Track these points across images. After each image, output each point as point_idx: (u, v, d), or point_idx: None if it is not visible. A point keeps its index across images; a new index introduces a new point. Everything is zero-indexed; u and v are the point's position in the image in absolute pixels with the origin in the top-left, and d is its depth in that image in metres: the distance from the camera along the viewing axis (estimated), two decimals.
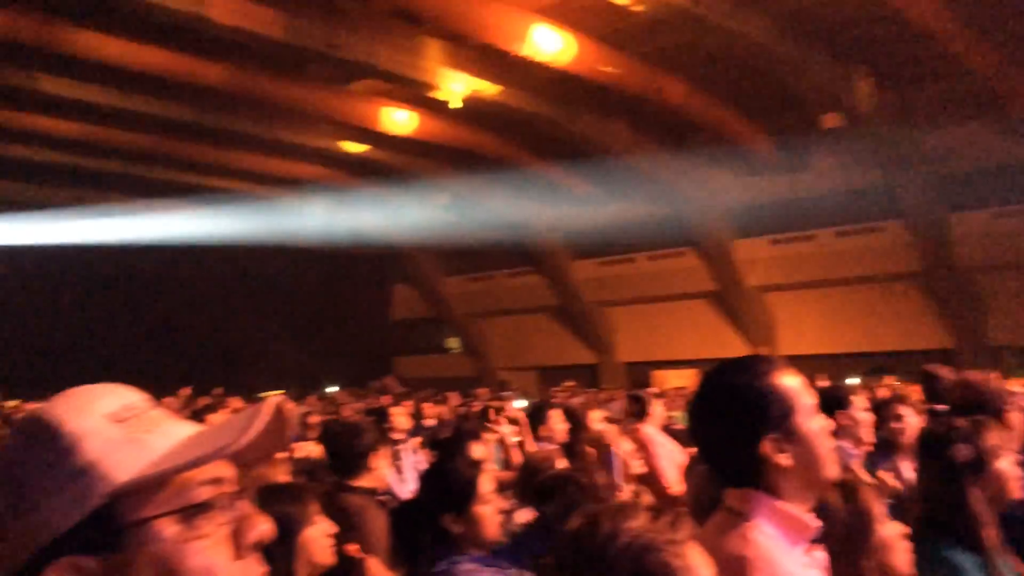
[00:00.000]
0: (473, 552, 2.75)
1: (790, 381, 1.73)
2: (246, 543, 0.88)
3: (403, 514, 3.02)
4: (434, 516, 2.76)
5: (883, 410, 4.36)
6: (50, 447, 0.83)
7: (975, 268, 17.17)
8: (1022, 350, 16.95)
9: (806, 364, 16.01)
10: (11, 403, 15.10)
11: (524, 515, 3.99)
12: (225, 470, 0.88)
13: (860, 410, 4.12)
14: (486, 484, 2.83)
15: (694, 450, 2.55)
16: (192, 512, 0.84)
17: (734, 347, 19.45)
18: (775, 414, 1.68)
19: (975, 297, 17.45)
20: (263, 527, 0.89)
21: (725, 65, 14.41)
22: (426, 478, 3.06)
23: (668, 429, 7.01)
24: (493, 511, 2.81)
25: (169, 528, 0.83)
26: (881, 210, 17.60)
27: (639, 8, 11.87)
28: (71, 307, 24.25)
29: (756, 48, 13.22)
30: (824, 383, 7.43)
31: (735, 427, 1.70)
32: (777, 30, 13.15)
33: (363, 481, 3.94)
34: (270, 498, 2.18)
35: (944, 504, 2.45)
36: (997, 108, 14.80)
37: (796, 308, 19.81)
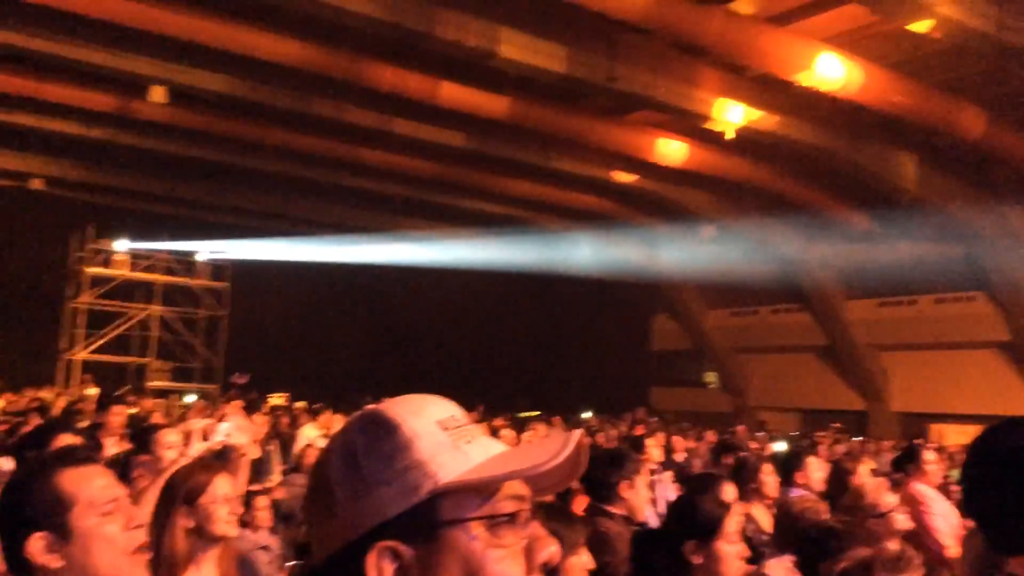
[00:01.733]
0: None
1: None
2: (536, 561, 0.95)
3: (645, 541, 3.05)
4: (676, 545, 2.76)
5: None
6: (390, 441, 0.93)
7: None
8: None
9: None
10: (299, 404, 16.68)
11: (776, 565, 3.87)
12: (525, 489, 0.96)
13: None
14: (733, 524, 2.80)
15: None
16: (498, 522, 0.92)
17: None
18: None
19: None
20: (552, 549, 0.97)
21: None
22: (674, 507, 3.09)
23: (945, 488, 6.48)
24: (736, 553, 2.76)
25: (478, 532, 0.91)
26: None
27: (937, 35, 11.16)
28: (354, 323, 26.42)
29: None
30: None
31: (1016, 492, 1.59)
32: None
33: (616, 508, 4.00)
34: (542, 514, 2.24)
35: None
36: None
37: None
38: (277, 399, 19.39)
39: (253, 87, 14.85)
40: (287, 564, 5.21)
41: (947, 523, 5.29)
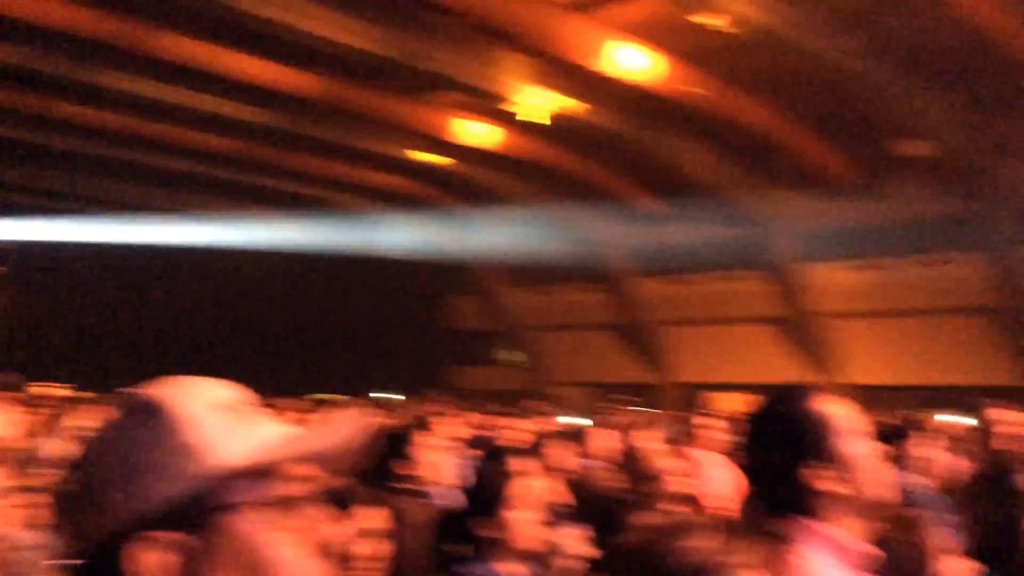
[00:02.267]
0: (508, 561, 2.68)
1: (831, 408, 1.75)
2: (317, 544, 0.94)
3: (442, 524, 3.06)
4: (466, 521, 2.74)
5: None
6: (157, 426, 0.89)
7: None
8: None
9: (873, 395, 15.66)
10: (80, 394, 15.62)
11: (568, 533, 4.03)
12: (307, 471, 0.93)
13: (925, 443, 4.06)
14: (517, 490, 2.75)
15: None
16: (276, 505, 0.90)
17: (795, 373, 19.03)
18: (813, 440, 1.70)
19: None
20: (334, 531, 0.96)
21: (810, 88, 14.19)
22: (464, 486, 3.08)
23: (729, 453, 6.95)
24: (527, 520, 2.72)
25: (253, 516, 0.88)
26: (961, 242, 17.09)
27: (727, 28, 11.79)
28: (145, 307, 25.04)
29: (843, 71, 13.03)
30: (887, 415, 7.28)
31: (775, 455, 1.73)
32: (866, 54, 12.93)
33: (404, 485, 4.01)
34: (329, 496, 2.23)
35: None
36: None
37: (866, 337, 19.32)
38: (54, 389, 18.09)
39: (30, 55, 13.65)
40: (53, 562, 4.90)
41: (722, 485, 5.69)
